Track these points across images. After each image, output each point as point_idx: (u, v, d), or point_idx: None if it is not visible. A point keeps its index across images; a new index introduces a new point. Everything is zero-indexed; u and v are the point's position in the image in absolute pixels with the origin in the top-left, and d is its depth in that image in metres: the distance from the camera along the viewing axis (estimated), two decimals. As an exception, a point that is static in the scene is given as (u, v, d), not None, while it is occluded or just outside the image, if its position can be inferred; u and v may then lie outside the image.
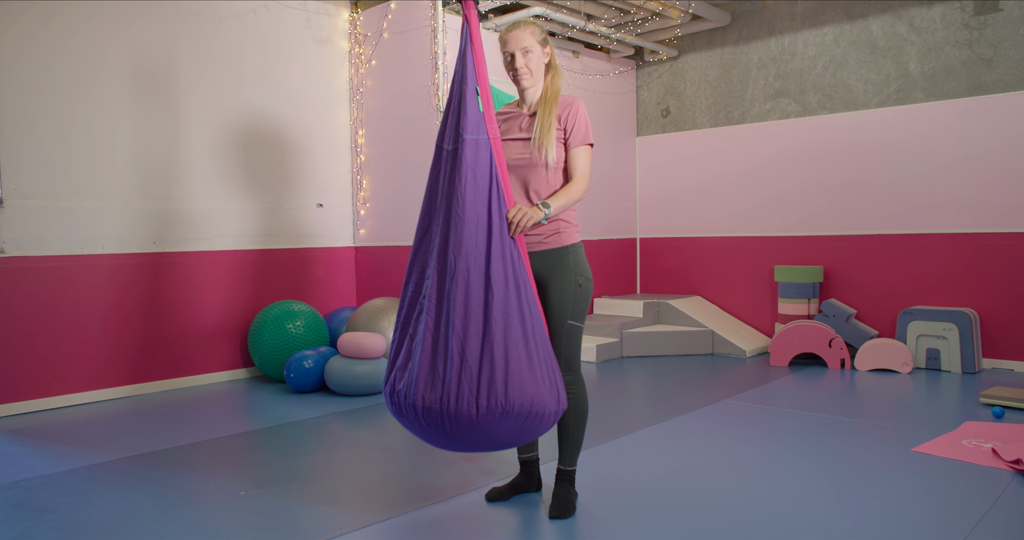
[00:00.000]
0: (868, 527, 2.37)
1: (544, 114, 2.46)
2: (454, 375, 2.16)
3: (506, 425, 2.18)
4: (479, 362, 2.16)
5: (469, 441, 2.24)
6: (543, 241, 2.48)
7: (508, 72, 2.52)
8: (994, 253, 4.92)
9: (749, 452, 3.19)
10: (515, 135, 2.50)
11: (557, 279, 2.46)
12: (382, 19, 5.40)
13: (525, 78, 2.48)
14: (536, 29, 2.50)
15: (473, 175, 2.25)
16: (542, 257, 2.47)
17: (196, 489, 2.80)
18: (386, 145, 5.46)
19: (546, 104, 2.48)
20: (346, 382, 4.30)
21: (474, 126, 2.27)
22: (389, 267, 5.44)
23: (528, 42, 2.46)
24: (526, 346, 2.20)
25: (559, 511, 2.48)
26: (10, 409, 4.04)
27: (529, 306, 2.25)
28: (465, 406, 2.14)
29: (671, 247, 6.51)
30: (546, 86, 2.52)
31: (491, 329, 2.18)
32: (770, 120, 5.91)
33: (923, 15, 5.16)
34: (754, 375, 4.89)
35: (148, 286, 4.58)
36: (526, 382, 2.16)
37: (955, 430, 3.45)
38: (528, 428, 2.22)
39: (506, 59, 2.50)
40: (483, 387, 2.14)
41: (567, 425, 2.53)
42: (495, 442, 2.27)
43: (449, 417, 2.16)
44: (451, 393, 2.15)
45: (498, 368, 2.15)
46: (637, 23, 5.98)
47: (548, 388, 2.21)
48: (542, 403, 2.19)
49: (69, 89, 4.25)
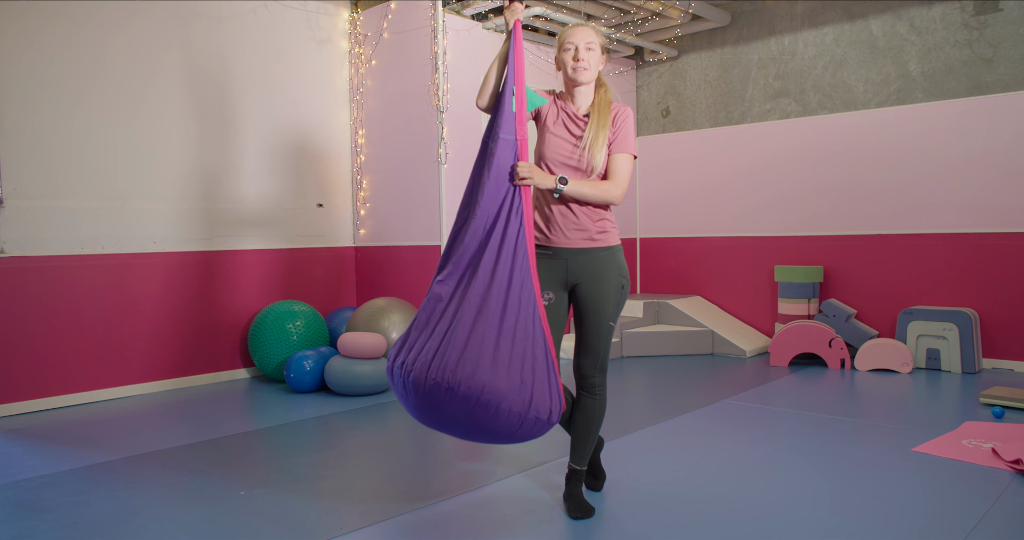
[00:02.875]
0: (868, 527, 2.37)
1: (599, 120, 2.45)
2: (420, 343, 2.26)
3: (453, 406, 2.19)
4: (443, 336, 2.23)
5: (436, 419, 2.28)
6: (592, 238, 2.47)
7: (564, 67, 2.49)
8: (994, 253, 4.92)
9: (749, 452, 3.19)
10: (564, 133, 2.48)
11: (602, 279, 2.46)
12: (382, 19, 5.40)
13: (583, 73, 2.46)
14: (601, 33, 2.53)
15: (498, 171, 2.33)
16: (590, 254, 2.47)
17: (196, 489, 2.80)
18: (386, 145, 5.46)
19: (599, 111, 2.47)
20: (346, 382, 4.30)
21: (508, 126, 2.35)
22: (389, 267, 5.45)
23: (592, 39, 2.47)
24: (497, 337, 2.20)
25: (581, 512, 2.47)
26: (10, 409, 4.04)
27: (521, 304, 2.25)
28: (417, 373, 2.21)
29: (671, 247, 6.51)
30: (599, 97, 2.52)
31: (463, 310, 2.24)
32: (770, 120, 5.91)
33: (923, 15, 5.16)
34: (754, 375, 4.89)
35: (148, 286, 4.58)
36: (481, 368, 2.16)
37: (955, 430, 3.45)
38: (479, 417, 2.20)
39: (567, 53, 2.47)
40: (436, 359, 2.20)
41: (590, 424, 2.53)
42: (463, 429, 2.28)
43: (410, 383, 2.24)
44: (413, 359, 2.25)
45: (455, 346, 2.19)
46: (637, 23, 5.98)
47: (514, 386, 2.18)
48: (497, 394, 2.16)
49: (69, 89, 4.25)
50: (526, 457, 3.10)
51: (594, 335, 2.47)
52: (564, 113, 2.51)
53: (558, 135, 2.48)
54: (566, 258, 2.47)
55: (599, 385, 2.52)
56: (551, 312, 2.47)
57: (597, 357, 2.49)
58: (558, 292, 2.49)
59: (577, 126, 2.48)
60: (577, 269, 2.46)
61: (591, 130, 2.44)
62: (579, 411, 2.54)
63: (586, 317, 2.48)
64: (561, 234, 2.46)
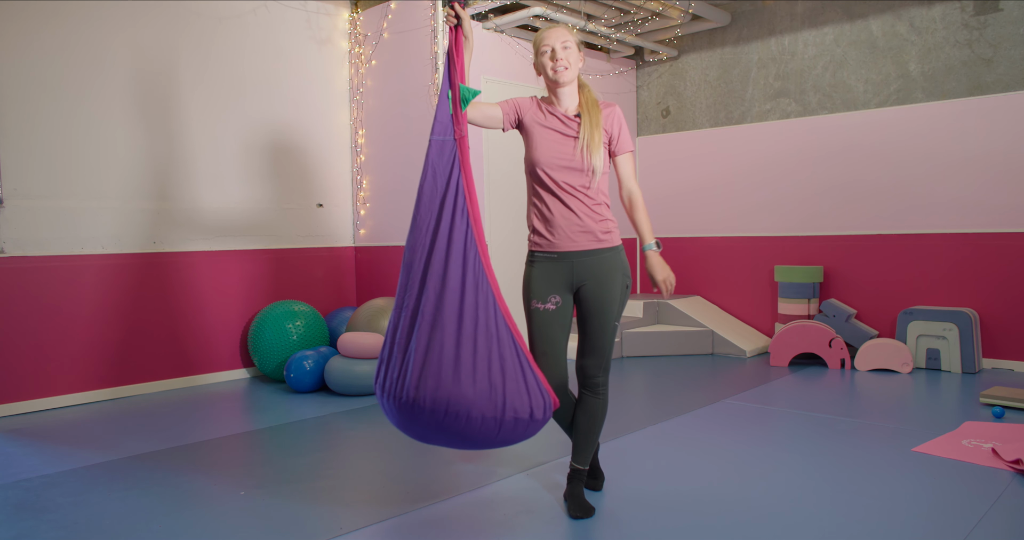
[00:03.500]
0: (868, 527, 2.37)
1: (591, 120, 2.44)
2: (392, 362, 2.27)
3: (426, 420, 2.19)
4: (404, 352, 2.25)
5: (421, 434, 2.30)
6: (599, 239, 2.46)
7: (543, 71, 2.48)
8: (994, 253, 4.92)
9: (749, 452, 3.19)
10: (558, 136, 2.45)
11: (609, 279, 2.45)
12: (382, 19, 5.40)
13: (564, 73, 2.44)
14: (574, 31, 2.53)
15: (433, 174, 2.33)
16: (595, 255, 2.45)
17: (196, 489, 2.80)
18: (386, 145, 5.46)
19: (589, 111, 2.46)
20: (346, 382, 4.30)
21: (442, 127, 2.34)
22: (389, 267, 5.44)
23: (567, 38, 2.45)
24: (456, 345, 2.19)
25: (582, 511, 2.47)
26: (10, 409, 4.05)
27: (478, 307, 2.23)
28: (391, 393, 2.23)
29: (671, 247, 6.51)
30: (584, 97, 2.50)
31: (419, 322, 2.24)
32: (770, 120, 5.91)
33: (923, 15, 5.16)
34: (754, 375, 4.89)
35: (148, 286, 4.58)
36: (443, 380, 2.16)
37: (955, 430, 3.45)
38: (454, 428, 2.19)
39: (544, 56, 2.45)
40: (401, 377, 2.22)
41: (592, 424, 2.52)
42: (448, 440, 2.29)
43: (390, 403, 2.25)
44: (385, 378, 2.27)
45: (415, 362, 2.20)
46: (637, 23, 5.97)
47: (482, 391, 2.17)
48: (464, 403, 2.16)
49: (69, 89, 4.25)
50: (526, 457, 3.10)
51: (599, 335, 2.47)
52: (553, 116, 2.48)
53: (552, 139, 2.45)
54: (572, 260, 2.45)
55: (602, 384, 2.52)
56: (557, 315, 2.46)
57: (602, 357, 2.49)
58: (563, 295, 2.47)
59: (569, 127, 2.46)
60: (582, 271, 2.45)
61: (586, 130, 2.42)
62: (582, 411, 2.54)
63: (591, 318, 2.47)
64: (565, 237, 2.44)
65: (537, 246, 2.50)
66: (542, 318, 2.45)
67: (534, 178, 2.48)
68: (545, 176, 2.44)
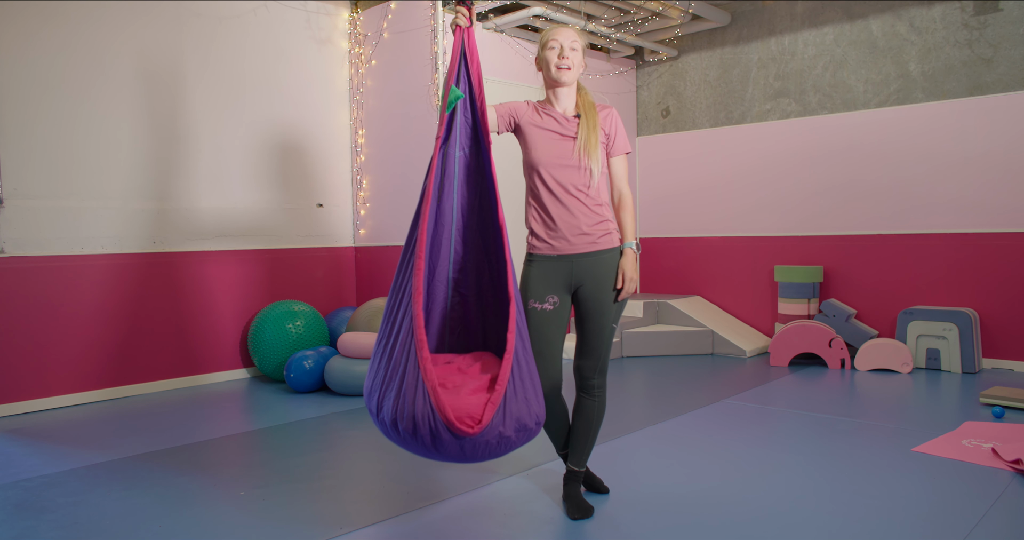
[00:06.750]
0: (868, 527, 2.37)
1: (589, 122, 2.43)
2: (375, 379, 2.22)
3: (397, 440, 2.08)
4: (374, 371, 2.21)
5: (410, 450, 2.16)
6: (595, 242, 2.44)
7: (547, 65, 2.45)
8: (994, 253, 4.92)
9: (749, 452, 3.19)
10: (557, 136, 2.44)
11: (607, 281, 2.45)
12: (382, 19, 5.40)
13: (566, 73, 2.42)
14: (585, 36, 2.52)
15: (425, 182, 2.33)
16: (594, 257, 2.44)
17: (196, 489, 2.80)
18: (386, 145, 5.46)
19: (587, 113, 2.45)
20: (346, 382, 4.30)
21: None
22: (389, 267, 5.44)
23: (577, 40, 2.44)
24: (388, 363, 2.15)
25: (581, 512, 2.47)
26: (10, 409, 4.05)
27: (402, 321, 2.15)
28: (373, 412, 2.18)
29: (671, 247, 6.51)
30: (581, 99, 2.50)
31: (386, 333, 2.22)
32: (770, 120, 5.91)
33: (923, 15, 5.16)
34: (754, 375, 4.89)
35: (148, 286, 4.58)
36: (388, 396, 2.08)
37: (955, 430, 3.45)
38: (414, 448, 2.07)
39: (552, 51, 2.43)
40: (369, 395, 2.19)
41: (588, 426, 2.52)
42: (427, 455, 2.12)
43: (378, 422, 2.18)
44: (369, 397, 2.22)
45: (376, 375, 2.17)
46: (637, 23, 5.97)
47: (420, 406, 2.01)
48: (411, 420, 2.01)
49: (69, 89, 4.25)
50: (526, 457, 3.10)
51: (596, 337, 2.47)
52: (551, 118, 2.47)
53: (550, 139, 2.44)
54: (571, 262, 2.44)
55: (599, 386, 2.52)
56: (554, 316, 2.45)
57: (598, 359, 2.49)
58: (561, 295, 2.46)
59: (567, 128, 2.45)
60: (581, 272, 2.45)
61: (584, 131, 2.42)
62: (578, 412, 2.53)
63: (589, 319, 2.47)
64: (565, 240, 2.43)
65: (536, 248, 2.49)
66: (539, 318, 2.44)
67: (533, 180, 2.47)
68: (545, 176, 2.43)
